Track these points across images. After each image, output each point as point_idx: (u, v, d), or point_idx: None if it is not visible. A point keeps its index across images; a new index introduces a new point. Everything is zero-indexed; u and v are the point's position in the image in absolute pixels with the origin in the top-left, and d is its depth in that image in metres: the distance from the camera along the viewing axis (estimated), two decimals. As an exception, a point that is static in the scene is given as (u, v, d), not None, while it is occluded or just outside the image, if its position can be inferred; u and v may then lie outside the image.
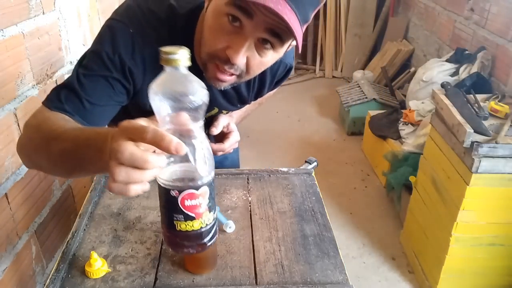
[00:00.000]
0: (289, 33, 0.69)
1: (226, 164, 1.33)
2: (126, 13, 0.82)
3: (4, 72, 1.20)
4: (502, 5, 2.30)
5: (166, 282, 0.79)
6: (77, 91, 0.76)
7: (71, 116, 0.75)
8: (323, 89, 4.14)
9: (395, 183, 2.25)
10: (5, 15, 1.19)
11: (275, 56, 0.79)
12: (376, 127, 2.73)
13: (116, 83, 0.80)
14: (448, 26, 2.97)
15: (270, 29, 0.70)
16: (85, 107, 0.76)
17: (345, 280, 0.80)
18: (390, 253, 2.13)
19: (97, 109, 0.78)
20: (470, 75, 2.28)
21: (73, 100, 0.76)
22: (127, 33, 0.80)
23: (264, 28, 0.70)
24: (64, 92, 0.77)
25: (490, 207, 1.59)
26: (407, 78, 3.48)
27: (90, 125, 0.76)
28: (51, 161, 0.68)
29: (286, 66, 1.04)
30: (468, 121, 1.53)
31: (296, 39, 0.69)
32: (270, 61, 0.80)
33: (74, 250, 0.86)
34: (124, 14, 0.82)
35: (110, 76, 0.79)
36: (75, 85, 0.77)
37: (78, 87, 0.77)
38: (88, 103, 0.77)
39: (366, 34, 4.20)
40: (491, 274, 1.76)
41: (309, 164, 1.18)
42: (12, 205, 1.26)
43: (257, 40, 0.73)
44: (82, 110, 0.76)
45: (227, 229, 0.91)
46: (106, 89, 0.79)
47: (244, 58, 0.75)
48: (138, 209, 0.98)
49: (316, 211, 0.99)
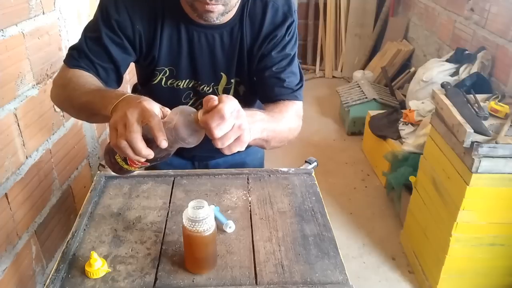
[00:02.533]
0: None
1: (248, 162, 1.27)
2: None
3: (4, 72, 1.20)
4: (502, 5, 2.30)
5: (166, 282, 0.79)
6: (86, 52, 0.92)
7: (87, 71, 0.91)
8: (323, 89, 4.14)
9: (395, 183, 2.25)
10: (5, 15, 1.19)
11: None
12: (376, 127, 2.73)
13: (109, 41, 0.92)
14: (448, 26, 2.97)
15: None
16: (94, 66, 0.92)
17: (345, 280, 0.80)
18: (390, 253, 2.13)
19: (104, 68, 0.93)
20: (470, 75, 2.28)
21: (84, 60, 0.91)
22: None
23: None
24: (77, 53, 0.92)
25: (490, 207, 1.59)
26: (407, 78, 3.48)
27: (102, 79, 0.92)
28: (75, 110, 0.89)
29: (277, 10, 0.95)
30: (468, 121, 1.53)
31: None
32: None
33: (74, 250, 0.86)
34: None
35: (102, 36, 0.91)
36: (84, 46, 0.92)
37: (86, 48, 0.92)
38: (96, 63, 0.92)
39: (366, 34, 4.20)
40: (491, 274, 1.76)
41: (309, 164, 1.18)
42: (12, 205, 1.26)
43: None
44: (93, 68, 0.92)
45: (227, 229, 0.91)
46: (104, 49, 0.92)
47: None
48: (138, 209, 0.98)
49: (316, 211, 0.99)
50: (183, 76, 1.01)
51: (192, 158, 1.25)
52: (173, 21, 0.94)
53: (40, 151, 1.42)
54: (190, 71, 1.00)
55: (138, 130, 0.66)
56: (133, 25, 0.93)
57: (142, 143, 0.66)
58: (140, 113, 0.66)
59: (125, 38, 0.93)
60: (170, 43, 0.96)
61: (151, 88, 1.02)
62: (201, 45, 0.97)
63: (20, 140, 1.30)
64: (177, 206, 1.00)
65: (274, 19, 0.97)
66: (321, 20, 4.28)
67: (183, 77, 1.01)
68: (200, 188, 1.07)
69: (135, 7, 0.92)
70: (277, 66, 0.98)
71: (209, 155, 1.24)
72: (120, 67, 0.95)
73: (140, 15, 0.92)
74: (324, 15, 4.26)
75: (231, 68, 1.01)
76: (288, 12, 0.97)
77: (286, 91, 0.99)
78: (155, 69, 0.99)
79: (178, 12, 0.93)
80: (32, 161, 1.37)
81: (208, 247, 0.79)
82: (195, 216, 0.75)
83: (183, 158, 1.24)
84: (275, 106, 0.97)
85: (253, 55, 0.99)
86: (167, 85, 1.01)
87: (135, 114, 0.66)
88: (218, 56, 0.99)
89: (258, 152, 1.32)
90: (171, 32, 0.95)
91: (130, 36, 0.94)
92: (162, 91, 1.01)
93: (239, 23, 0.96)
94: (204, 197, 1.02)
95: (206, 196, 1.03)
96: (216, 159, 1.25)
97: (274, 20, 0.97)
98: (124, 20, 0.92)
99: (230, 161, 1.24)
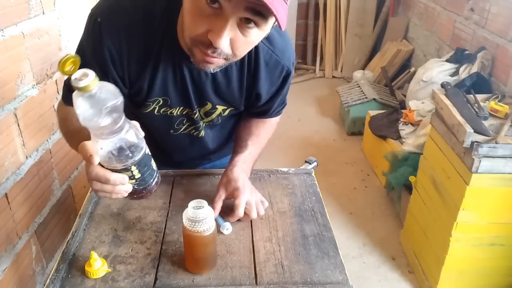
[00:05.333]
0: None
1: None
2: (103, 2, 0.85)
3: (4, 72, 1.20)
4: (502, 5, 2.30)
5: (166, 282, 0.79)
6: None
7: None
8: (323, 89, 4.14)
9: (395, 183, 2.25)
10: (5, 15, 1.19)
11: (260, 34, 0.76)
12: (376, 127, 2.73)
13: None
14: (448, 26, 2.97)
15: (250, 7, 0.67)
16: None
17: (345, 280, 0.80)
18: (390, 253, 2.13)
19: None
20: (470, 75, 2.28)
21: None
22: (96, 23, 0.82)
23: (244, 7, 0.67)
24: (67, 89, 0.88)
25: (490, 207, 1.59)
26: (407, 78, 3.48)
27: None
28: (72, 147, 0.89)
29: (283, 68, 0.96)
30: (468, 121, 1.53)
31: (276, 19, 0.66)
32: (256, 40, 0.78)
33: (74, 250, 0.86)
34: (100, 3, 0.85)
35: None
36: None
37: None
38: None
39: (366, 34, 4.20)
40: (491, 274, 1.76)
41: (309, 164, 1.18)
42: (12, 205, 1.26)
43: (239, 19, 0.70)
44: None
45: (224, 231, 0.91)
46: None
47: (227, 40, 0.72)
48: (138, 209, 0.98)
49: (316, 211, 0.99)
50: (177, 104, 0.96)
51: (180, 165, 1.19)
52: (170, 54, 0.87)
53: (40, 151, 1.42)
54: (184, 99, 0.95)
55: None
56: (121, 58, 0.85)
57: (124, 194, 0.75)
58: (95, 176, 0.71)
59: (114, 71, 0.86)
60: (165, 76, 0.89)
61: (142, 115, 0.97)
62: (196, 77, 0.92)
63: (20, 140, 1.30)
64: (177, 206, 1.00)
65: (277, 75, 0.97)
66: (321, 20, 4.28)
67: (177, 105, 0.96)
68: (200, 188, 1.07)
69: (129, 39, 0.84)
70: (270, 104, 1.05)
71: (198, 162, 1.23)
72: None
73: (134, 47, 0.84)
74: (324, 15, 4.26)
75: (219, 102, 0.98)
76: (291, 67, 0.98)
77: (271, 114, 1.10)
78: (147, 100, 0.93)
79: (175, 45, 0.85)
80: (32, 161, 1.37)
81: (208, 247, 0.79)
82: (195, 216, 0.75)
83: (171, 166, 1.18)
84: (257, 125, 1.09)
85: (249, 93, 0.99)
86: (160, 113, 0.97)
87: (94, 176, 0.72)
88: (211, 96, 0.95)
89: None
90: (165, 65, 0.88)
91: (119, 70, 0.87)
92: (155, 118, 0.97)
93: (240, 68, 0.93)
94: (204, 197, 1.01)
95: (206, 196, 1.03)
96: (204, 164, 1.25)
97: (276, 75, 0.97)
98: (114, 53, 0.84)
99: (218, 165, 1.24)
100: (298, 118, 3.56)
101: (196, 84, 0.92)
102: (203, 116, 1.01)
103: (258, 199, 0.97)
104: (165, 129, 1.03)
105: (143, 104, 0.94)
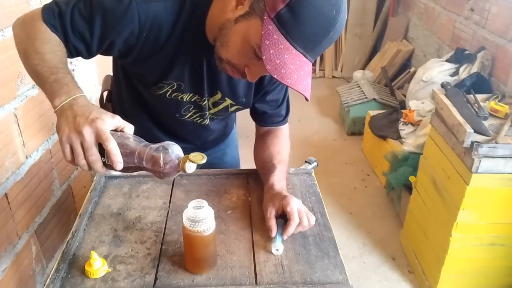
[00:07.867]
0: None
1: (226, 160, 1.32)
2: None
3: (4, 72, 1.20)
4: (502, 5, 2.30)
5: (166, 282, 0.79)
6: (65, 22, 0.83)
7: (58, 37, 0.83)
8: (323, 89, 4.14)
9: (395, 183, 2.25)
10: (5, 15, 1.19)
11: None
12: (376, 127, 2.73)
13: (99, 33, 0.84)
14: (448, 26, 2.97)
15: None
16: (67, 39, 0.84)
17: (345, 280, 0.80)
18: (390, 253, 2.13)
19: (76, 48, 0.86)
20: (470, 75, 2.28)
21: (61, 27, 0.83)
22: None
23: None
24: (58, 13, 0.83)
25: (490, 207, 1.59)
26: (407, 78, 3.48)
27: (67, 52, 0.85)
28: (27, 67, 0.82)
29: None
30: (468, 121, 1.53)
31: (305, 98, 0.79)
32: None
33: (74, 250, 0.86)
34: None
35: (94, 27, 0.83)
36: (67, 14, 0.83)
37: (68, 18, 0.83)
38: (70, 39, 0.84)
39: (366, 34, 4.20)
40: (491, 274, 1.76)
41: (309, 164, 1.18)
42: (12, 205, 1.26)
43: None
44: (64, 40, 0.84)
45: (273, 250, 0.85)
46: (89, 35, 0.84)
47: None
48: (138, 209, 0.98)
49: (316, 211, 0.99)
50: (188, 91, 0.99)
51: None
52: (193, 43, 0.90)
53: (40, 151, 1.42)
54: (197, 87, 0.99)
55: (98, 156, 0.71)
56: (141, 31, 0.85)
57: (101, 167, 0.72)
58: (96, 135, 0.70)
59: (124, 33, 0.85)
60: (184, 62, 0.92)
61: (152, 96, 0.99)
62: (213, 67, 0.94)
63: (20, 140, 1.30)
64: (177, 206, 1.00)
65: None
66: (321, 20, 4.27)
67: (188, 91, 0.99)
68: (200, 188, 1.07)
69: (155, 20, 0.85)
70: (277, 103, 1.11)
71: (191, 147, 1.23)
72: (92, 55, 0.90)
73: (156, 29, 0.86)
74: (324, 15, 4.25)
75: (229, 94, 1.02)
76: None
77: (280, 120, 1.15)
78: (162, 81, 0.95)
79: (200, 36, 0.89)
80: (32, 161, 1.37)
81: (208, 247, 0.79)
82: (195, 216, 0.75)
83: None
84: (273, 143, 1.11)
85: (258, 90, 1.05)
86: (171, 97, 0.99)
87: (91, 135, 0.69)
88: (223, 85, 0.99)
89: (234, 141, 1.38)
90: (186, 52, 0.91)
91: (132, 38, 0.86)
92: (164, 101, 0.99)
93: None
94: (204, 197, 1.02)
95: (206, 196, 1.03)
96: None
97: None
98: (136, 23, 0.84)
99: (212, 155, 1.24)
100: (298, 118, 3.56)
101: (212, 73, 0.96)
102: (210, 106, 1.04)
103: (306, 209, 0.93)
104: (170, 113, 1.05)
105: (156, 85, 0.96)
